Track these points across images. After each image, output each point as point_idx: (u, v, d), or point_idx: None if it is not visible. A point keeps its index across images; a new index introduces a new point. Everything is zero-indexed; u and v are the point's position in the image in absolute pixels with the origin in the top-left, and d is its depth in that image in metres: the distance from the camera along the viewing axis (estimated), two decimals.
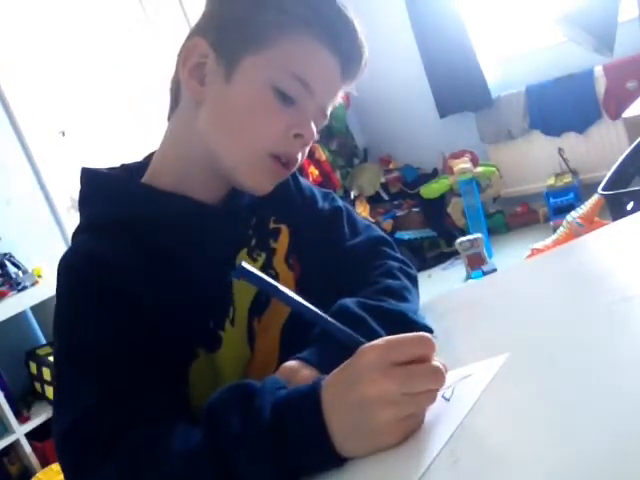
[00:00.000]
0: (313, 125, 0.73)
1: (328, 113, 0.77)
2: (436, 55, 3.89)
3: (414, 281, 0.85)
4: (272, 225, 0.83)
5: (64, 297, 0.69)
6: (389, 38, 4.03)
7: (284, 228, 0.84)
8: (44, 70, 2.88)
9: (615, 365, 0.52)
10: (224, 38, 0.71)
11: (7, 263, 2.55)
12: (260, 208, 0.81)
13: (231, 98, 0.71)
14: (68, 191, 2.79)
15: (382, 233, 0.91)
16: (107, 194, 0.74)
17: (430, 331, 0.74)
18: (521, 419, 0.51)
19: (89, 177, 0.77)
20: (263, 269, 0.79)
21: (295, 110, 0.71)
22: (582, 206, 2.91)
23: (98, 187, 0.76)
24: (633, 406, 0.45)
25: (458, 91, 3.86)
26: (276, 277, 0.80)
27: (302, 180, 0.90)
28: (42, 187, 2.83)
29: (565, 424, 0.47)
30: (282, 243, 0.83)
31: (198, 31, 0.74)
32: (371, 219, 4.02)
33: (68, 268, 0.69)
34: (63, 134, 2.89)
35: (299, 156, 0.75)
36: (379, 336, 0.59)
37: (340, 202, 0.91)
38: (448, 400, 0.57)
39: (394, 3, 3.95)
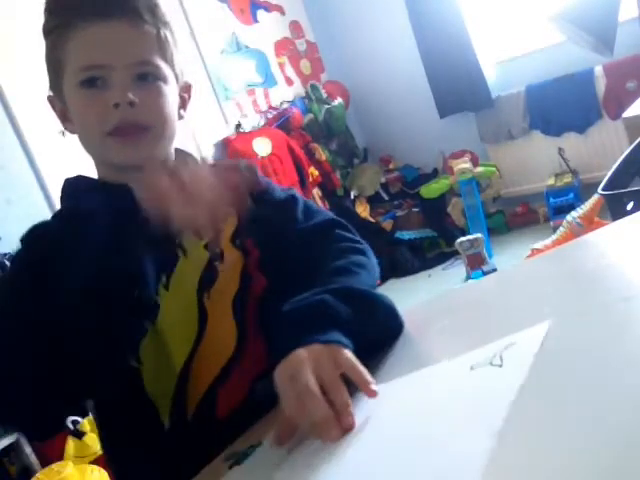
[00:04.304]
0: (124, 88, 0.78)
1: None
2: (436, 55, 3.89)
3: (362, 253, 0.89)
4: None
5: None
6: (389, 38, 4.04)
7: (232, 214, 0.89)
8: (45, 70, 2.88)
9: (615, 365, 0.52)
10: (51, 81, 0.88)
11: (7, 263, 2.55)
12: None
13: (71, 114, 0.85)
14: None
15: (335, 216, 0.95)
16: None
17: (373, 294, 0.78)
18: (521, 419, 0.51)
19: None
20: (211, 244, 0.85)
21: (103, 88, 0.79)
22: (582, 206, 2.91)
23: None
24: (633, 406, 0.45)
25: (458, 91, 3.86)
26: (221, 254, 0.86)
27: (266, 183, 0.96)
28: (42, 187, 2.83)
29: (564, 424, 0.47)
30: (230, 224, 0.88)
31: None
32: (371, 219, 4.02)
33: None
34: (63, 134, 2.87)
35: (137, 117, 0.79)
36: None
37: (298, 195, 0.96)
38: (501, 366, 0.58)
39: (394, 3, 3.96)
